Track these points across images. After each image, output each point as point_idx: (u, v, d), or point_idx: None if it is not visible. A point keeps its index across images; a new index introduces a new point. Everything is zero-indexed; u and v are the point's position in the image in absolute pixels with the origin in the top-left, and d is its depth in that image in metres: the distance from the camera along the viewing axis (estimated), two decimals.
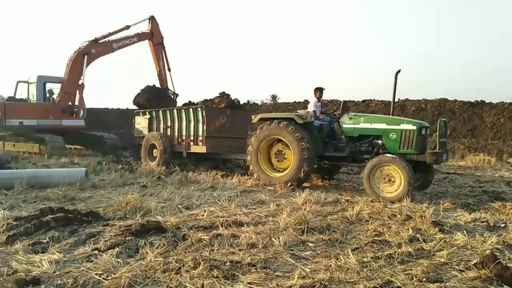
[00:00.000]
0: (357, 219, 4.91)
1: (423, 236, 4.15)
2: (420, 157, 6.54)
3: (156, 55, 15.23)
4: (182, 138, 10.46)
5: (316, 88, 8.24)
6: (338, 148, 7.58)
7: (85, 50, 14.35)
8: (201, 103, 12.91)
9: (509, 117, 21.25)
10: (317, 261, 3.37)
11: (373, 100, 24.48)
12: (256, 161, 7.84)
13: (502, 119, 21.35)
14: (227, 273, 3.02)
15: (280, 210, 5.14)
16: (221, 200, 5.80)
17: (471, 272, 3.11)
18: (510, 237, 4.18)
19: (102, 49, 14.70)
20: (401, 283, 2.86)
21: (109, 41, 14.75)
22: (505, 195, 7.25)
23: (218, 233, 4.06)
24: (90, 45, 14.47)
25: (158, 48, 15.23)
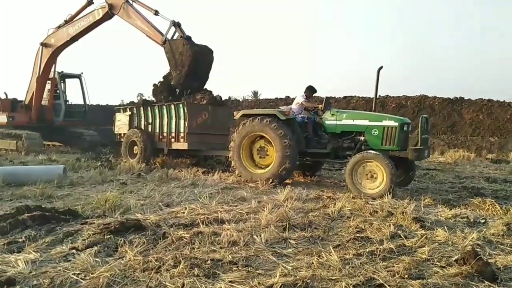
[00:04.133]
0: (338, 216, 4.91)
1: (405, 232, 4.17)
2: (402, 154, 6.59)
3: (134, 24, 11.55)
4: (163, 135, 10.34)
5: (309, 87, 8.12)
6: (321, 144, 7.58)
7: (44, 41, 13.64)
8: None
9: (488, 114, 21.75)
10: (299, 259, 3.34)
11: (354, 96, 24.71)
12: (238, 158, 7.79)
13: (481, 116, 21.84)
14: (208, 271, 2.96)
15: (262, 207, 5.10)
16: (202, 197, 5.72)
17: (452, 268, 3.12)
18: (490, 233, 4.23)
19: (60, 37, 13.35)
20: (383, 280, 2.85)
21: (66, 27, 13.11)
22: (484, 190, 7.40)
23: (198, 230, 3.98)
24: (51, 34, 13.57)
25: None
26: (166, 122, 10.23)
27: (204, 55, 10.72)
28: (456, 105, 22.50)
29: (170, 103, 10.29)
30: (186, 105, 9.82)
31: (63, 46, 13.60)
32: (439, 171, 10.82)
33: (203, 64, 10.76)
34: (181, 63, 10.36)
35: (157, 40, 10.86)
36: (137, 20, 11.21)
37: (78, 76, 16.42)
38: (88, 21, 12.44)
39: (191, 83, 10.78)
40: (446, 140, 20.27)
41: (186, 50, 10.30)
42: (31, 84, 14.70)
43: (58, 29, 13.42)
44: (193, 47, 10.38)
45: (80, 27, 12.68)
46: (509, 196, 6.88)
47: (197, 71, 10.51)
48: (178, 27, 10.80)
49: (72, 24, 12.96)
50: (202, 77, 10.93)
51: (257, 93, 35.16)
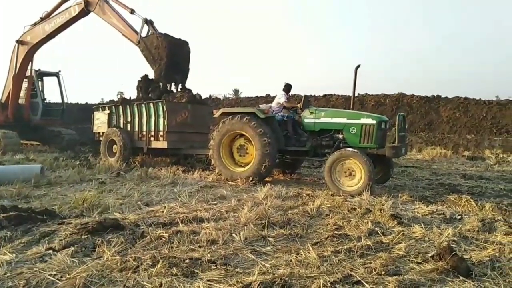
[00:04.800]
0: (317, 213, 4.94)
1: (382, 229, 4.23)
2: (380, 151, 6.69)
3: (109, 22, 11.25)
4: (143, 133, 10.23)
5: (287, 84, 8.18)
6: (300, 142, 7.62)
7: (19, 38, 13.30)
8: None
9: (464, 112, 22.30)
10: (278, 256, 3.35)
11: (333, 94, 24.96)
12: (218, 156, 7.78)
13: (458, 113, 22.37)
14: (186, 270, 2.94)
15: (241, 205, 5.10)
16: (182, 196, 5.68)
17: (428, 264, 3.18)
18: (466, 229, 4.32)
19: (36, 34, 13.06)
20: (360, 277, 2.88)
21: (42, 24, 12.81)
22: (461, 187, 7.58)
23: (178, 229, 3.96)
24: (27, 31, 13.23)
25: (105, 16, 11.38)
26: (145, 120, 10.14)
27: (180, 46, 10.64)
28: (433, 103, 22.97)
29: (149, 102, 10.19)
30: (166, 104, 9.75)
31: (39, 43, 13.33)
32: (416, 168, 11.03)
33: (181, 55, 10.66)
34: (158, 57, 10.25)
35: (132, 39, 10.72)
36: (113, 18, 11.04)
37: (56, 74, 16.10)
38: (64, 17, 12.22)
39: (173, 76, 10.66)
40: (424, 138, 20.68)
41: (161, 43, 10.21)
42: (7, 83, 14.36)
43: (34, 26, 13.13)
44: (167, 38, 10.30)
45: (56, 24, 12.45)
46: (484, 193, 7.06)
47: (176, 62, 10.41)
48: (151, 24, 10.68)
49: (48, 21, 12.72)
50: (183, 69, 10.82)
51: (238, 91, 35.18)
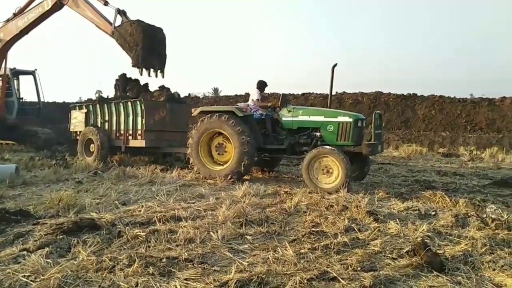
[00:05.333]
0: (295, 211, 4.96)
1: (359, 225, 4.28)
2: (356, 149, 6.77)
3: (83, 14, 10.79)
4: (121, 132, 10.09)
5: (260, 82, 8.24)
6: (278, 140, 7.66)
7: None
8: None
9: (440, 110, 22.85)
10: (255, 254, 3.36)
11: (312, 93, 25.20)
12: (197, 154, 7.73)
13: (433, 111, 22.90)
14: (163, 269, 2.91)
15: (220, 203, 5.07)
16: (160, 195, 5.61)
17: (403, 260, 3.23)
18: (440, 225, 4.41)
19: (9, 30, 12.48)
20: (336, 273, 2.91)
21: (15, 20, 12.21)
22: (435, 184, 7.76)
23: (155, 228, 3.91)
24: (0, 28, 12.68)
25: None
26: (123, 119, 10.01)
27: (154, 31, 10.42)
28: (409, 101, 23.44)
29: (127, 100, 10.05)
30: (143, 102, 9.63)
31: (13, 40, 12.86)
32: (393, 165, 11.24)
33: (156, 39, 10.44)
34: (134, 43, 9.99)
35: (106, 30, 10.46)
36: (87, 11, 10.75)
37: (32, 72, 15.69)
38: (38, 12, 11.81)
39: (151, 61, 10.38)
40: (401, 135, 21.10)
41: (135, 29, 9.97)
42: None
43: (6, 22, 12.66)
44: (140, 24, 10.07)
45: (30, 19, 12.02)
46: (458, 189, 7.25)
47: (152, 47, 10.18)
48: (124, 15, 10.44)
49: (21, 16, 12.25)
50: (160, 54, 10.58)
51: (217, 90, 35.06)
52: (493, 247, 3.58)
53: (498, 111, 22.18)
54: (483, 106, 22.50)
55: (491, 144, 18.67)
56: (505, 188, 7.19)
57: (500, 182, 7.71)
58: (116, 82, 11.28)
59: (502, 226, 4.28)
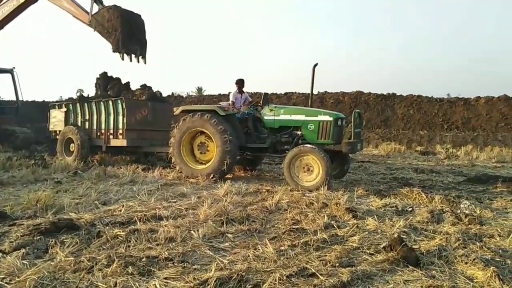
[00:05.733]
0: (276, 209, 5.01)
1: (338, 222, 4.35)
2: (336, 147, 6.88)
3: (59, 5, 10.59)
4: (101, 131, 9.97)
5: (238, 80, 8.32)
6: (260, 139, 7.71)
7: None
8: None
9: (418, 109, 23.36)
10: (236, 252, 3.38)
11: (294, 92, 25.44)
12: (179, 154, 7.72)
13: (412, 111, 23.41)
14: (142, 269, 2.90)
15: (201, 202, 5.08)
16: (141, 195, 5.57)
17: (380, 255, 3.31)
18: (416, 220, 4.53)
19: None
20: (315, 269, 2.96)
21: None
22: (413, 181, 7.94)
23: (135, 228, 3.89)
24: None
25: None
26: (104, 118, 9.90)
27: (132, 16, 10.25)
28: (389, 100, 23.89)
29: (108, 99, 9.93)
30: (125, 101, 9.54)
31: None
32: (372, 163, 11.45)
33: (135, 24, 10.27)
34: (112, 28, 9.82)
35: (84, 20, 10.23)
36: (62, 1, 10.52)
37: (10, 71, 15.31)
38: (12, 5, 11.52)
39: (132, 46, 10.19)
40: (380, 134, 21.48)
41: (113, 14, 9.82)
42: None
43: None
44: (117, 9, 9.91)
45: (4, 12, 11.71)
46: (434, 186, 7.43)
47: (131, 32, 10.02)
48: (100, 3, 10.24)
49: None
50: (140, 40, 10.40)
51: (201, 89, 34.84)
52: (466, 241, 3.70)
53: (473, 110, 22.84)
54: (459, 105, 23.13)
55: (466, 142, 19.23)
56: (479, 185, 7.43)
57: (474, 179, 7.96)
58: (97, 80, 11.12)
59: (474, 221, 4.45)
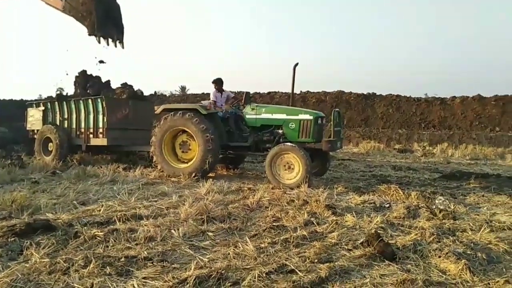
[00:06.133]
0: (257, 206, 5.04)
1: (318, 219, 4.42)
2: (317, 145, 6.95)
3: None
4: (81, 130, 9.79)
5: (216, 79, 8.28)
6: (242, 138, 7.71)
7: None
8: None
9: (397, 108, 23.84)
10: (216, 250, 3.39)
11: (277, 92, 25.59)
12: (160, 152, 7.65)
13: (391, 110, 23.87)
14: (121, 269, 2.88)
15: (182, 201, 5.06)
16: (121, 194, 5.53)
17: (358, 251, 3.38)
18: (393, 216, 4.64)
19: None
20: (294, 266, 3.00)
21: None
22: (391, 178, 8.10)
23: (114, 228, 3.86)
24: None
25: None
26: (83, 117, 9.71)
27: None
28: (369, 100, 24.30)
29: (88, 98, 9.74)
30: (105, 100, 9.38)
31: None
32: (352, 161, 11.62)
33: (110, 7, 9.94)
34: (87, 11, 9.50)
35: (57, 6, 9.92)
36: None
37: None
38: None
39: (108, 30, 9.84)
40: (361, 132, 21.80)
41: None
42: None
43: None
44: None
45: None
46: (411, 182, 7.60)
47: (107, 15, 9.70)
48: None
49: None
50: (117, 24, 10.06)
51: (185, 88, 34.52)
52: (440, 236, 3.82)
53: (449, 109, 23.50)
54: (436, 105, 23.75)
55: (443, 140, 19.74)
56: (453, 181, 7.64)
57: (449, 176, 8.20)
58: (76, 79, 10.89)
59: (448, 216, 4.60)
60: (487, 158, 13.29)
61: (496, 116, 22.55)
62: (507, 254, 3.43)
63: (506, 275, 2.94)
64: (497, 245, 3.60)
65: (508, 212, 4.95)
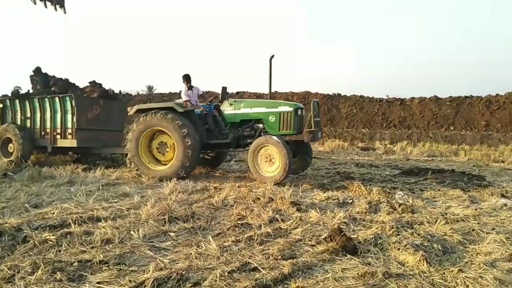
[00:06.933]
0: (222, 205, 4.96)
1: (282, 216, 4.40)
2: (298, 137, 6.87)
3: None
4: (46, 131, 9.22)
5: (183, 76, 8.05)
6: (222, 135, 7.47)
7: None
8: None
9: (360, 108, 24.46)
10: (178, 251, 3.28)
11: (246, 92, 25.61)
12: (137, 155, 7.26)
13: (355, 110, 24.45)
14: (73, 274, 2.71)
15: (145, 201, 4.88)
16: (78, 195, 5.25)
17: (321, 246, 3.38)
18: (355, 211, 4.72)
19: None
20: (257, 264, 2.95)
21: None
22: (354, 174, 8.24)
23: (68, 231, 3.65)
24: None
25: None
26: (49, 116, 9.14)
27: None
28: (334, 100, 24.80)
29: (54, 96, 9.17)
30: (74, 98, 8.86)
31: None
32: (318, 159, 11.76)
33: None
34: None
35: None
36: None
37: None
38: None
39: None
40: (327, 132, 22.20)
41: None
42: None
43: None
44: None
45: None
46: (373, 179, 7.77)
47: None
48: None
49: None
50: None
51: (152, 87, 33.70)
52: (399, 229, 3.90)
53: (408, 110, 24.43)
54: (396, 105, 24.63)
55: (402, 138, 20.54)
56: (412, 177, 7.90)
57: (408, 172, 8.47)
58: (31, 77, 10.26)
59: (407, 210, 4.73)
60: (443, 155, 13.87)
61: (451, 116, 23.67)
62: (460, 244, 3.55)
63: (459, 264, 3.04)
64: (452, 236, 3.72)
65: (462, 205, 5.15)
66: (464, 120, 23.40)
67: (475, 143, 19.54)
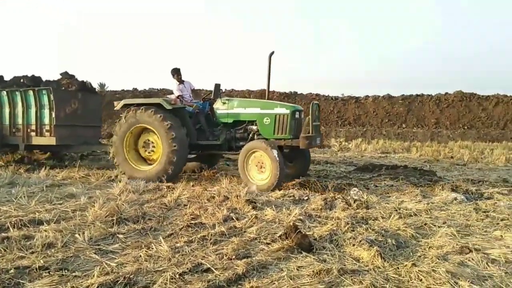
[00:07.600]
0: (175, 205, 4.82)
1: (237, 214, 4.34)
2: (294, 142, 6.37)
3: None
4: (17, 127, 8.41)
5: (172, 70, 7.38)
6: (213, 136, 6.95)
7: None
8: None
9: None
10: (126, 254, 3.12)
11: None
12: (122, 153, 6.77)
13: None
14: (8, 282, 2.50)
15: (92, 202, 4.62)
16: (19, 197, 4.88)
17: (276, 244, 3.34)
18: (311, 208, 4.73)
19: None
20: (210, 264, 2.86)
21: None
22: (310, 171, 8.29)
23: (5, 236, 3.36)
24: None
25: None
26: (21, 111, 8.32)
27: None
28: (290, 98, 25.10)
29: (27, 89, 8.36)
30: (53, 92, 8.10)
31: None
32: None
33: None
34: None
35: None
36: None
37: None
38: None
39: None
40: None
41: None
42: None
43: None
44: None
45: None
46: (328, 175, 7.90)
47: None
48: None
49: None
50: None
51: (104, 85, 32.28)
52: (354, 225, 3.96)
53: (363, 108, 25.26)
54: (351, 103, 25.37)
55: (357, 136, 21.17)
56: (366, 173, 8.09)
57: (362, 168, 8.68)
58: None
59: (362, 205, 4.82)
60: (396, 152, 14.43)
61: (403, 114, 24.76)
62: (413, 238, 3.65)
63: (413, 258, 3.11)
64: (405, 230, 3.81)
65: (414, 200, 5.31)
66: (415, 118, 24.57)
67: (426, 140, 20.55)
